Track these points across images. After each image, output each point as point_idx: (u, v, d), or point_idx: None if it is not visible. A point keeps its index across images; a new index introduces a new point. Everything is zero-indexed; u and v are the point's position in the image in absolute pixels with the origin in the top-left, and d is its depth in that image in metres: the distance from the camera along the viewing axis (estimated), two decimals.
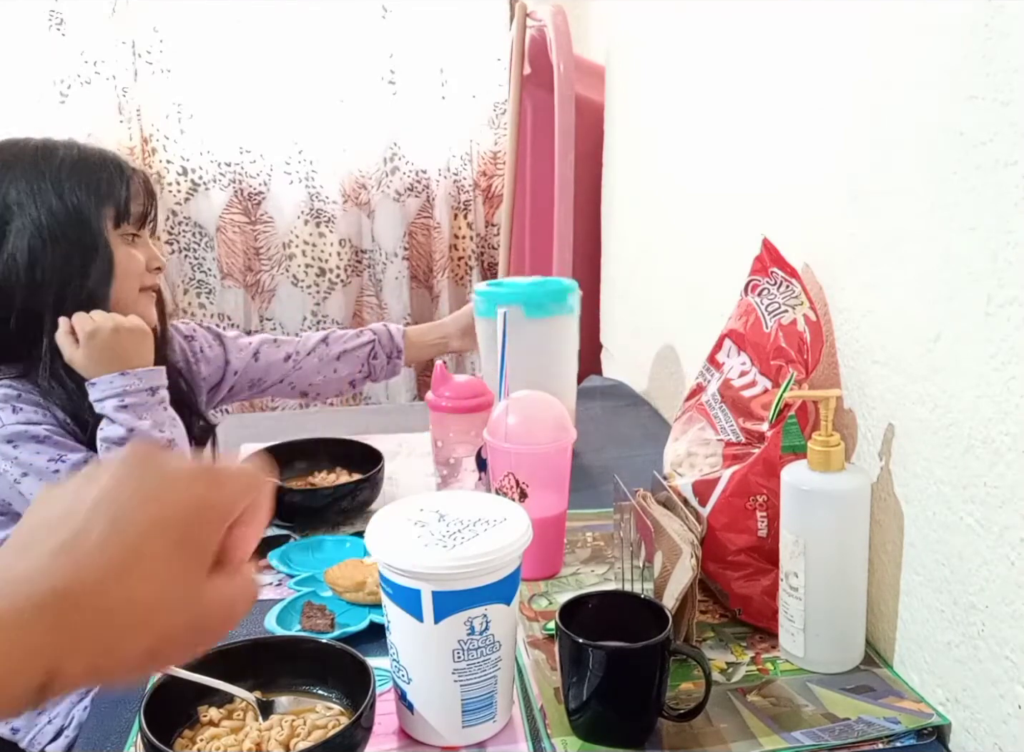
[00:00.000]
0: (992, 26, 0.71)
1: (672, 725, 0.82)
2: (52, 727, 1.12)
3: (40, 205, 1.12)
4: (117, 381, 1.08)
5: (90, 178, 1.15)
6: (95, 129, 2.28)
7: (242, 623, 0.99)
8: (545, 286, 1.34)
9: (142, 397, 1.08)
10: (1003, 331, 0.72)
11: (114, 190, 1.17)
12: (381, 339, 1.47)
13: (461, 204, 2.57)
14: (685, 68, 1.46)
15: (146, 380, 1.09)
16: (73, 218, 1.13)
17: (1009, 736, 0.74)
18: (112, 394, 1.07)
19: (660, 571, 0.91)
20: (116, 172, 1.18)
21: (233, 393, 1.43)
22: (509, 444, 1.02)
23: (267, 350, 1.43)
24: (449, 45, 2.44)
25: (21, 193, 1.12)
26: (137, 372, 1.09)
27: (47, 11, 2.23)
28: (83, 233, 1.14)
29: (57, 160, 1.15)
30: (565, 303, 1.31)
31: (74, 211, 1.13)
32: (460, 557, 0.75)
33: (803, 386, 0.94)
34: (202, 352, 1.38)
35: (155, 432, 1.08)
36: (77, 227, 1.13)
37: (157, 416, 1.09)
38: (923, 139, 0.81)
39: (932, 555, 0.83)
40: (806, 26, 1.03)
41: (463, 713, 0.79)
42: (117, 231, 1.17)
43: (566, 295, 1.31)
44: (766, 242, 1.04)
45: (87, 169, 1.16)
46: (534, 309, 1.28)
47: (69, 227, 1.13)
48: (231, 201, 2.44)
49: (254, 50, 2.34)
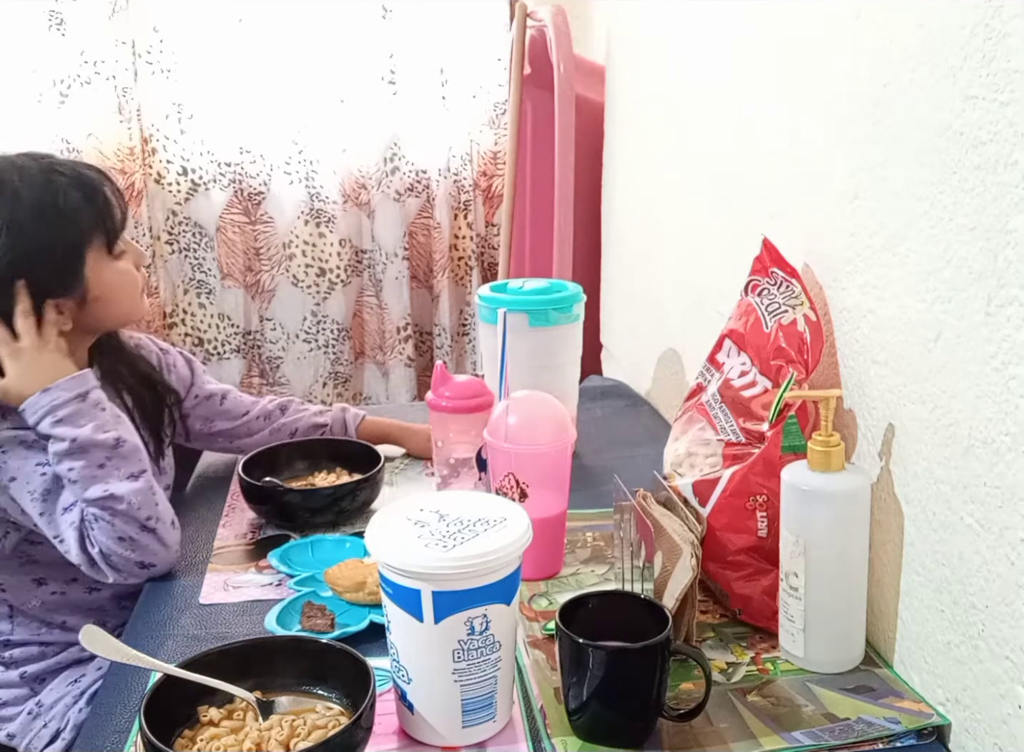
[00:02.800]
0: (992, 26, 0.71)
1: (672, 725, 0.82)
2: (48, 731, 1.12)
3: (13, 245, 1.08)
4: (43, 399, 1.05)
5: (67, 227, 1.10)
6: (95, 129, 2.28)
7: (242, 623, 0.99)
8: (550, 294, 1.32)
9: (73, 406, 1.06)
10: (1003, 331, 0.72)
11: (97, 223, 1.12)
12: (334, 427, 1.39)
13: (461, 204, 2.57)
14: (685, 68, 1.46)
15: (71, 388, 1.07)
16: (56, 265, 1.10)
17: (1009, 736, 0.74)
18: (43, 413, 1.05)
19: (660, 571, 0.91)
20: (93, 206, 1.12)
21: (187, 419, 1.35)
22: (509, 444, 1.02)
23: (232, 397, 1.37)
24: (449, 45, 2.44)
25: None
26: (59, 384, 1.06)
27: (47, 11, 2.23)
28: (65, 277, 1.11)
29: (21, 207, 1.08)
30: (571, 312, 1.31)
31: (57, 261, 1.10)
32: (460, 557, 0.75)
33: (803, 386, 0.94)
34: (174, 366, 1.34)
35: (98, 435, 1.05)
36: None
37: (97, 419, 1.07)
38: (923, 139, 0.81)
39: (932, 555, 0.83)
40: (806, 26, 1.03)
41: (463, 713, 0.79)
42: (111, 255, 1.15)
43: (571, 305, 1.32)
44: (766, 242, 1.04)
45: (64, 213, 1.10)
46: (539, 318, 1.28)
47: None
48: (231, 201, 2.44)
49: (254, 50, 2.34)
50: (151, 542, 1.06)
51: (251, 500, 1.23)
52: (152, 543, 1.06)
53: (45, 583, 1.16)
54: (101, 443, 1.05)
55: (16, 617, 1.17)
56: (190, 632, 0.99)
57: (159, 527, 1.06)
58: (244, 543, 1.18)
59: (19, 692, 1.15)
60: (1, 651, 1.17)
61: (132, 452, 1.08)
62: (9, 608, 1.17)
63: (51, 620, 1.17)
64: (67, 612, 1.17)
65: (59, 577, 1.15)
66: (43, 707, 1.13)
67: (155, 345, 1.35)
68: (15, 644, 1.17)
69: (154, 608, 1.04)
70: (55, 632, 1.17)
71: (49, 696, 1.14)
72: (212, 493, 1.33)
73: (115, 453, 1.06)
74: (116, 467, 1.06)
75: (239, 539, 1.19)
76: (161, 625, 1.00)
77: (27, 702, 1.14)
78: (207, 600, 1.05)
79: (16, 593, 1.16)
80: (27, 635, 1.17)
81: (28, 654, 1.17)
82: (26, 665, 1.16)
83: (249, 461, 1.28)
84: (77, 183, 1.11)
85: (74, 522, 1.06)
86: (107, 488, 1.04)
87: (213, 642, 0.89)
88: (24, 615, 1.17)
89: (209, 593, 1.06)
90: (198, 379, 1.36)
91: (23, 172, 1.10)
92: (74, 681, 1.14)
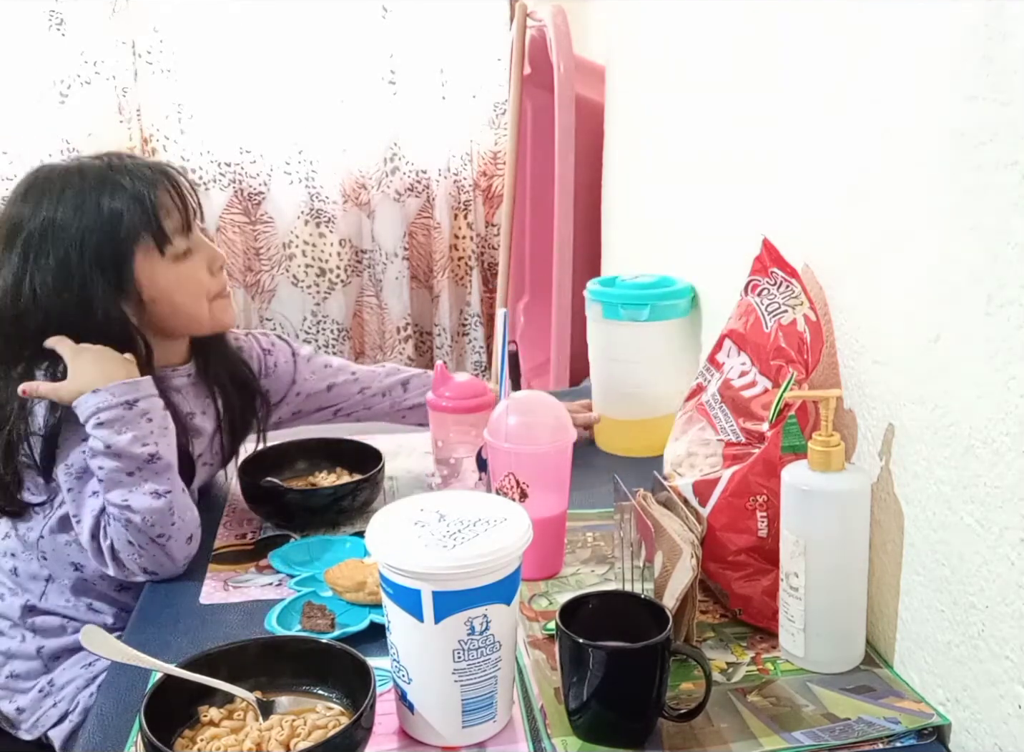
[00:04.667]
0: (992, 26, 0.71)
1: (672, 725, 0.82)
2: (56, 710, 1.13)
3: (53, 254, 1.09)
4: (91, 400, 1.05)
5: (102, 224, 1.10)
6: (95, 129, 2.28)
7: (242, 623, 0.99)
8: (661, 287, 1.39)
9: (117, 412, 1.05)
10: (1003, 331, 0.72)
11: (138, 223, 1.11)
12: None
13: (461, 204, 2.57)
14: (685, 68, 1.46)
15: (120, 394, 1.06)
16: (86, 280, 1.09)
17: (1009, 736, 0.74)
18: (88, 413, 1.05)
19: (660, 571, 0.91)
20: (132, 201, 1.11)
21: (297, 416, 1.38)
22: (509, 444, 1.02)
23: (343, 382, 1.37)
24: (449, 45, 2.44)
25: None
26: (110, 387, 1.06)
27: (47, 11, 2.23)
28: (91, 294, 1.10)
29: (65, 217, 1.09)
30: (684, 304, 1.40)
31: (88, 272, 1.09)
32: (460, 557, 0.75)
33: (803, 386, 0.94)
34: (275, 368, 1.34)
35: (135, 447, 1.05)
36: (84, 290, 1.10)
37: (138, 430, 1.06)
38: (923, 139, 0.81)
39: (932, 555, 0.83)
40: (806, 26, 1.03)
41: (463, 713, 0.79)
42: (165, 257, 1.13)
43: (687, 295, 1.40)
44: (766, 242, 1.04)
45: (94, 214, 1.10)
46: (658, 312, 1.35)
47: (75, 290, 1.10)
48: (231, 201, 2.44)
49: (254, 50, 2.34)
50: (158, 554, 1.07)
51: (251, 500, 1.23)
52: (159, 555, 1.07)
53: (80, 569, 1.16)
54: (136, 455, 1.05)
55: (51, 583, 1.17)
56: (190, 632, 0.99)
57: (170, 544, 1.07)
58: (244, 543, 1.18)
59: (33, 666, 1.16)
60: (26, 617, 1.17)
61: (164, 469, 1.07)
62: (48, 574, 1.17)
63: (80, 598, 1.17)
64: (95, 596, 1.18)
65: (95, 568, 1.15)
66: (54, 686, 1.14)
67: (258, 345, 1.34)
68: (41, 611, 1.17)
69: (154, 608, 1.04)
70: (81, 609, 1.17)
71: (62, 676, 1.14)
72: (212, 493, 1.33)
73: (147, 466, 1.06)
74: (144, 479, 1.06)
75: (239, 539, 1.19)
76: (161, 625, 1.00)
77: (39, 678, 1.15)
78: (207, 600, 1.05)
79: (54, 566, 1.16)
80: (55, 604, 1.17)
81: (50, 625, 1.17)
82: (45, 639, 1.16)
83: (249, 461, 1.28)
84: (128, 181, 1.11)
85: (95, 510, 1.07)
86: (127, 498, 1.05)
87: (213, 642, 0.89)
88: (57, 583, 1.17)
89: (209, 593, 1.06)
90: (300, 374, 1.35)
91: (83, 172, 1.12)
92: (88, 664, 1.14)
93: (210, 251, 1.18)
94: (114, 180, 1.11)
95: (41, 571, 1.17)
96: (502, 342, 1.15)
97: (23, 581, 1.17)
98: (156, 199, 1.12)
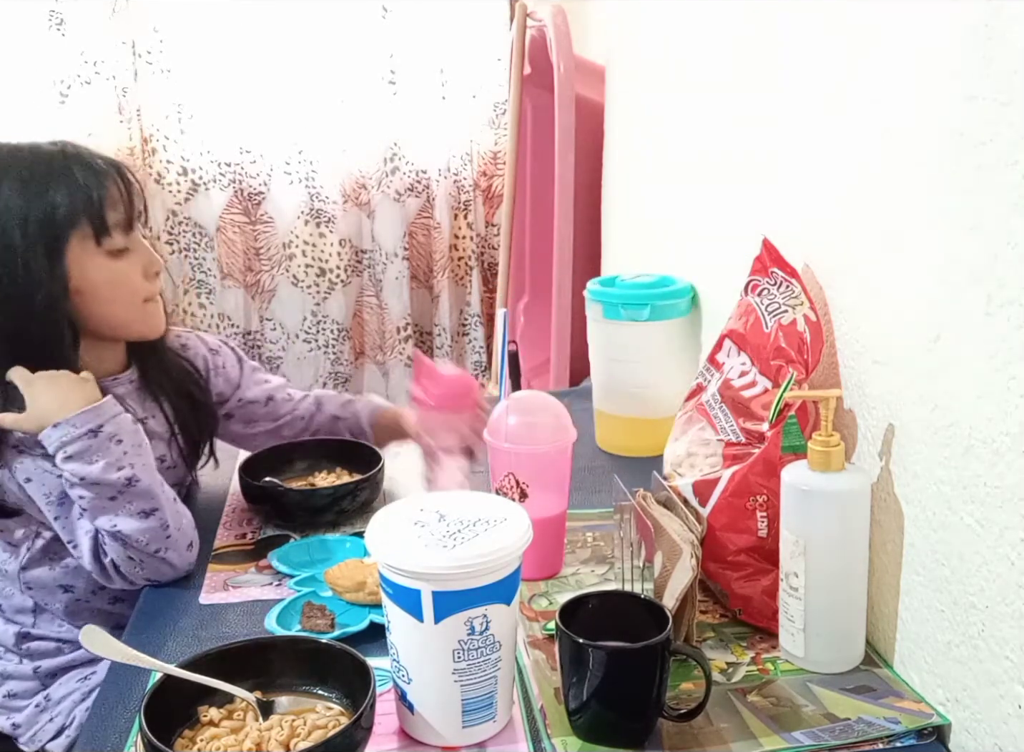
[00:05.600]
0: (992, 26, 0.71)
1: (672, 725, 0.82)
2: (54, 725, 1.12)
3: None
4: (53, 435, 1.02)
5: (43, 203, 1.04)
6: (95, 129, 2.28)
7: (242, 623, 0.99)
8: (661, 287, 1.39)
9: (83, 443, 1.02)
10: (1003, 331, 0.72)
11: (79, 207, 1.06)
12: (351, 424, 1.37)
13: (461, 204, 2.57)
14: (685, 68, 1.46)
15: (82, 424, 1.03)
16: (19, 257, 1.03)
17: (1009, 736, 0.74)
18: (54, 448, 1.03)
19: (660, 571, 0.91)
20: (76, 186, 1.06)
21: (229, 420, 1.33)
22: (509, 444, 1.02)
23: (280, 399, 1.34)
24: (449, 45, 2.44)
25: None
26: (71, 419, 1.03)
27: (47, 11, 2.23)
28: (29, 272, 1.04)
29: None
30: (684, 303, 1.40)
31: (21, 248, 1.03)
32: (460, 557, 0.75)
33: (803, 386, 0.94)
34: (222, 367, 1.31)
35: (110, 474, 1.03)
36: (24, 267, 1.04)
37: (109, 456, 1.03)
38: (923, 139, 0.81)
39: (932, 555, 0.83)
40: (806, 26, 1.03)
41: (463, 713, 0.79)
42: (100, 249, 1.08)
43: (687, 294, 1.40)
44: (766, 242, 1.04)
45: (37, 191, 1.05)
46: (658, 312, 1.35)
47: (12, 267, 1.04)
48: (231, 201, 2.44)
49: (254, 50, 2.34)
50: (160, 565, 1.07)
51: (251, 500, 1.23)
52: (161, 566, 1.07)
53: (71, 590, 1.15)
54: (112, 482, 1.03)
55: (40, 613, 1.17)
56: (190, 632, 0.99)
57: (169, 555, 1.07)
58: (244, 543, 1.18)
59: (30, 685, 1.16)
60: (20, 643, 1.16)
61: (145, 489, 1.05)
62: (35, 604, 1.17)
63: (72, 621, 1.17)
64: (88, 616, 1.16)
65: (85, 586, 1.15)
66: (51, 701, 1.14)
67: (204, 346, 1.31)
68: (35, 637, 1.17)
69: (154, 608, 1.04)
70: (75, 631, 1.16)
71: (58, 691, 1.14)
72: (212, 493, 1.32)
73: (128, 490, 1.04)
74: (128, 501, 1.04)
75: (239, 539, 1.19)
76: (161, 625, 1.00)
77: (36, 695, 1.15)
78: (207, 600, 1.05)
79: (42, 594, 1.16)
80: (48, 630, 1.17)
81: (45, 649, 1.16)
82: (42, 660, 1.16)
83: (249, 461, 1.28)
84: (79, 168, 1.08)
85: (90, 531, 1.06)
86: (115, 523, 1.04)
87: (213, 642, 0.89)
88: (48, 612, 1.17)
89: (209, 593, 1.06)
90: (245, 380, 1.33)
91: (35, 154, 1.09)
92: (84, 678, 1.14)
93: (148, 255, 1.14)
94: (65, 166, 1.08)
95: (26, 602, 1.16)
96: (502, 342, 1.15)
97: (10, 615, 1.17)
98: (103, 189, 1.08)
